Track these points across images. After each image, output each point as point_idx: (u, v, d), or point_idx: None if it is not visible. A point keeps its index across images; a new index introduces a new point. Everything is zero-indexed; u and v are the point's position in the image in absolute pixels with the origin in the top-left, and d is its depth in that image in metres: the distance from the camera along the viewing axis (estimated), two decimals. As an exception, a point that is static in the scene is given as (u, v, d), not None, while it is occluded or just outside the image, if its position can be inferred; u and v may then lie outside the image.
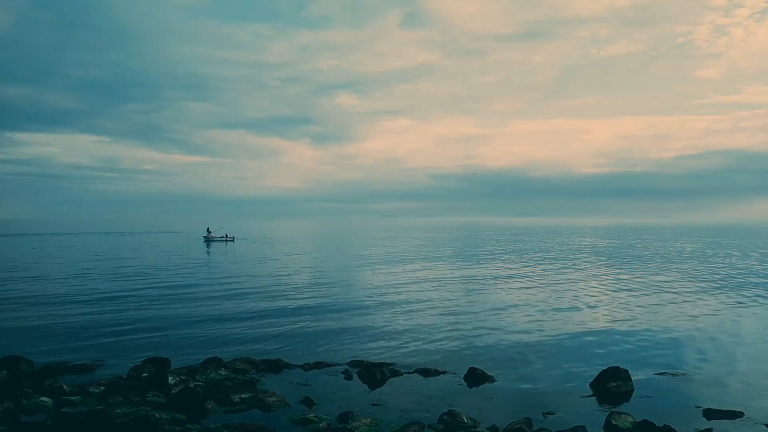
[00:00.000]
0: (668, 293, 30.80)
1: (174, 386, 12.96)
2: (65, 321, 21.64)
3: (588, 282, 36.20)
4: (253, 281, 35.51)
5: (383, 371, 14.42)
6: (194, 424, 10.76)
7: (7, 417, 10.60)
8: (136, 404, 11.74)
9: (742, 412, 11.80)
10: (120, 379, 13.54)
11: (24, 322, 21.34)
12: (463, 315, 23.74)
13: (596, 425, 10.99)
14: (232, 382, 13.44)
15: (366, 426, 10.69)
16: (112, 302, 26.39)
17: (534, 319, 22.90)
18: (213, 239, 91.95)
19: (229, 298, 27.90)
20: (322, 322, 21.87)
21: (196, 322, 21.60)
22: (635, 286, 34.06)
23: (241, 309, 24.76)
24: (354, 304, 26.37)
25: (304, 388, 13.41)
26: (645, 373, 14.95)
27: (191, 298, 28.08)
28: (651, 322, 22.31)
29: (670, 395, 13.16)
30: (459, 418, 10.91)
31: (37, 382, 12.93)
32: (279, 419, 11.24)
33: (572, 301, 27.61)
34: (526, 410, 11.84)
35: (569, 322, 22.23)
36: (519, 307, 25.78)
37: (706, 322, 22.50)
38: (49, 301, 26.70)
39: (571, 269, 45.24)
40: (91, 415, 10.27)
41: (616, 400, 12.76)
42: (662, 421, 10.79)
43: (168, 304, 25.87)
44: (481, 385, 13.97)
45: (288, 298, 28.40)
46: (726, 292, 31.22)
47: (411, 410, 11.93)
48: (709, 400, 12.69)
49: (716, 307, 26.22)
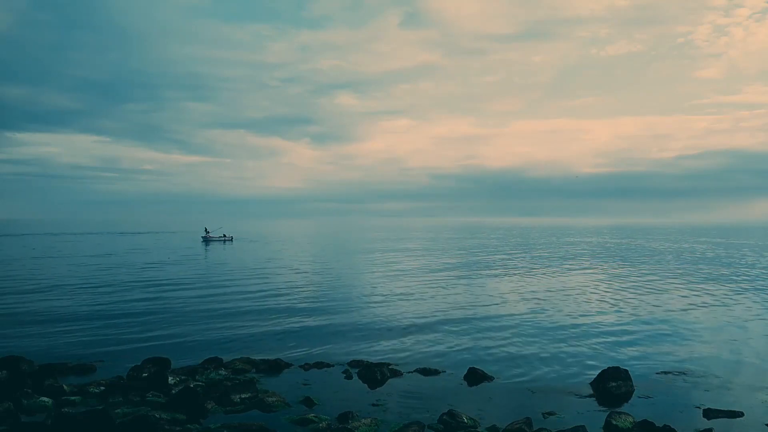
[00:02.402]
0: (668, 293, 30.79)
1: (174, 386, 12.96)
2: (65, 321, 21.64)
3: (588, 282, 36.19)
4: (252, 281, 35.50)
5: (383, 371, 14.42)
6: (194, 424, 10.77)
7: (7, 417, 10.60)
8: (136, 404, 11.74)
9: (742, 412, 11.80)
10: (120, 379, 13.54)
11: (24, 322, 21.33)
12: (463, 315, 23.73)
13: (596, 425, 10.99)
14: (232, 382, 13.44)
15: (366, 426, 10.69)
16: (112, 302, 26.40)
17: (534, 318, 22.90)
18: (211, 239, 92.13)
19: (229, 298, 27.89)
20: (322, 322, 21.88)
21: (196, 322, 21.60)
22: (635, 285, 34.04)
23: (241, 309, 24.76)
24: (354, 304, 26.38)
25: (304, 388, 13.41)
26: (645, 373, 14.96)
27: (191, 298, 28.08)
28: (651, 322, 22.31)
29: (670, 395, 13.16)
30: (459, 418, 10.91)
31: (37, 382, 12.93)
32: (279, 419, 11.24)
33: (572, 301, 27.60)
34: (526, 410, 11.84)
35: (569, 322, 22.23)
36: (519, 307, 25.77)
37: (707, 322, 22.50)
38: (49, 300, 26.70)
39: (571, 269, 45.23)
40: (91, 415, 10.27)
41: (616, 400, 12.76)
42: (662, 421, 10.80)
43: (168, 304, 25.86)
44: (481, 385, 13.97)
45: (288, 298, 28.40)
46: (727, 292, 31.20)
47: (411, 410, 11.93)
48: (709, 400, 12.70)
49: (717, 306, 26.20)
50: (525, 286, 34.08)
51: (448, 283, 35.60)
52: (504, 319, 22.91)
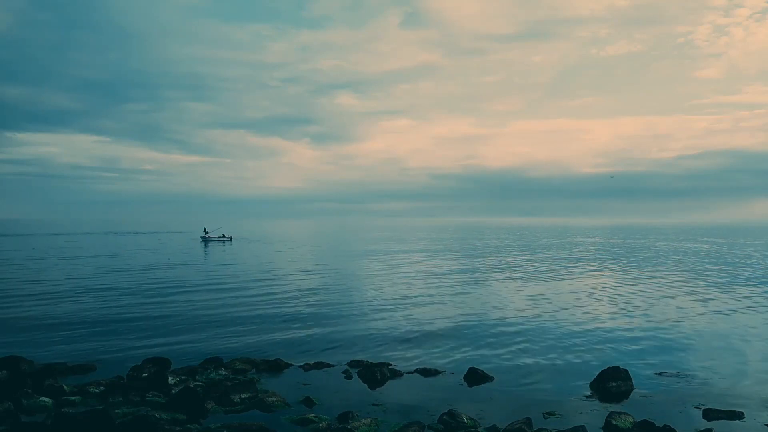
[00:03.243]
0: (669, 293, 30.78)
1: (174, 386, 12.95)
2: (65, 321, 21.63)
3: (588, 282, 36.20)
4: (252, 281, 35.50)
5: (383, 371, 14.41)
6: (194, 424, 10.76)
7: (7, 417, 10.59)
8: (136, 404, 11.74)
9: (742, 412, 11.79)
10: (120, 379, 13.53)
11: (24, 322, 21.33)
12: (464, 315, 23.74)
13: (596, 425, 10.99)
14: (232, 382, 13.44)
15: (366, 426, 10.69)
16: (112, 302, 26.40)
17: (534, 318, 22.90)
18: (210, 239, 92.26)
19: (229, 299, 27.89)
20: (322, 322, 21.87)
21: (196, 322, 21.59)
22: (635, 285, 34.04)
23: (241, 309, 24.76)
24: (354, 304, 26.37)
25: (304, 388, 13.41)
26: (645, 373, 14.95)
27: (191, 298, 28.07)
28: (651, 321, 22.30)
29: (670, 395, 13.15)
30: (459, 418, 10.91)
31: (37, 382, 12.92)
32: (279, 419, 11.23)
33: (572, 301, 27.61)
34: (526, 410, 11.83)
35: (569, 321, 22.23)
36: (519, 307, 25.78)
37: (707, 322, 22.49)
38: (49, 301, 26.69)
39: (571, 269, 45.24)
40: (91, 415, 10.26)
41: (616, 400, 12.76)
42: (662, 421, 10.79)
43: (168, 304, 25.86)
44: (481, 385, 13.97)
45: (288, 298, 28.39)
46: (727, 292, 31.20)
47: (411, 410, 11.93)
48: (709, 400, 12.69)
49: (717, 306, 26.20)
50: (525, 286, 34.07)
51: (448, 283, 35.59)
52: (504, 319, 22.90)
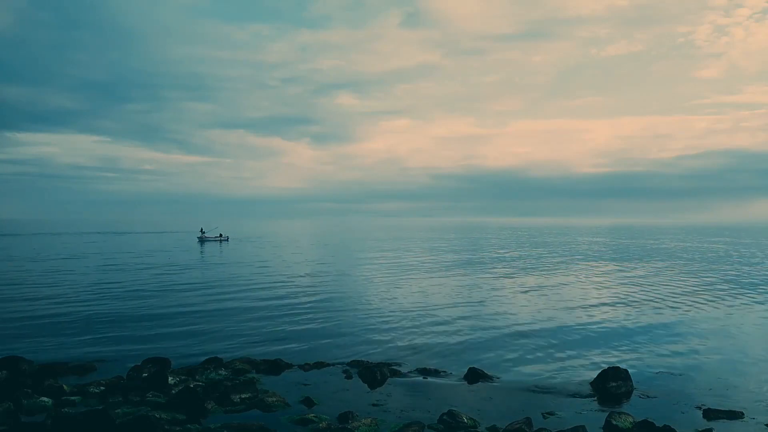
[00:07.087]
0: (669, 293, 30.79)
1: (174, 386, 12.95)
2: (65, 321, 21.63)
3: (588, 282, 36.21)
4: (252, 281, 35.50)
5: (383, 371, 14.41)
6: (194, 424, 10.76)
7: (7, 417, 10.59)
8: (136, 404, 11.74)
9: (742, 412, 11.80)
10: (120, 379, 13.53)
11: (24, 322, 21.33)
12: (463, 315, 23.73)
13: (596, 425, 10.99)
14: (232, 382, 13.44)
15: (366, 426, 10.69)
16: (112, 302, 26.39)
17: (534, 318, 22.90)
18: (207, 239, 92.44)
19: (228, 298, 27.89)
20: (322, 322, 21.87)
21: (196, 323, 21.59)
22: (635, 285, 34.04)
23: (241, 309, 24.76)
24: (354, 304, 26.37)
25: (304, 388, 13.41)
26: (645, 373, 14.96)
27: (190, 298, 28.07)
28: (651, 322, 22.31)
29: (670, 395, 13.16)
30: (459, 418, 10.91)
31: (37, 382, 12.94)
32: (279, 419, 11.23)
33: (572, 301, 27.60)
34: (526, 410, 11.84)
35: (569, 321, 22.23)
36: (519, 307, 25.78)
37: (707, 322, 22.49)
38: (49, 300, 26.68)
39: (571, 269, 45.24)
40: (91, 415, 10.26)
41: (616, 400, 12.76)
42: (662, 421, 10.79)
43: (168, 304, 25.86)
44: (481, 385, 13.97)
45: (288, 298, 28.39)
46: (728, 292, 31.20)
47: (411, 410, 11.93)
48: (709, 400, 12.69)
49: (718, 306, 26.21)
50: (525, 285, 34.07)
51: (447, 283, 35.59)
52: (504, 319, 22.91)
